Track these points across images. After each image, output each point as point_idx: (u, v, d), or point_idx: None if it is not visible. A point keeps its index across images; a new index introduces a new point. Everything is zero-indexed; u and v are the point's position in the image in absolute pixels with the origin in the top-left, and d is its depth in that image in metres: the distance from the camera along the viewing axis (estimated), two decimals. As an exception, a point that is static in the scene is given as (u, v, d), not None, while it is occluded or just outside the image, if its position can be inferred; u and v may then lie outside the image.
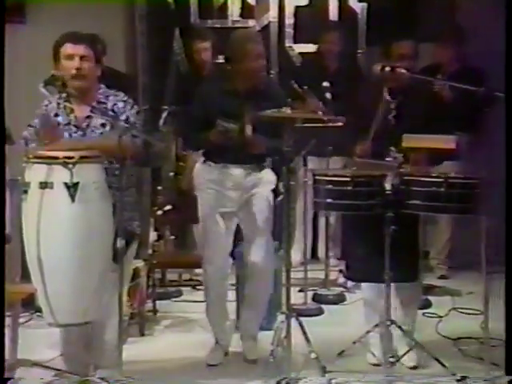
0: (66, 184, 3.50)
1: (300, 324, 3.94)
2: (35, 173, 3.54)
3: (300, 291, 5.28)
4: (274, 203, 4.34)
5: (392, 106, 4.22)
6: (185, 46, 6.48)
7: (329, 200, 3.89)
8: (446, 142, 3.96)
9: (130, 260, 3.96)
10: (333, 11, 6.66)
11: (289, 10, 6.67)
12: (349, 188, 3.83)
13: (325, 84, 5.55)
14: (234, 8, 6.71)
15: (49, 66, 3.88)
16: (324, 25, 6.44)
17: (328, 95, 5.51)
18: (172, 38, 6.59)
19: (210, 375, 4.14)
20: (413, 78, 4.16)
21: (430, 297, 5.34)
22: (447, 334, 4.60)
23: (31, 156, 3.57)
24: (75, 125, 3.82)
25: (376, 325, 4.04)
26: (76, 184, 3.51)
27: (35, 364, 3.79)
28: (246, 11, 6.70)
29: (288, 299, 3.91)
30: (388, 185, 3.85)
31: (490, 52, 5.31)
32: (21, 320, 4.04)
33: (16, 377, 3.71)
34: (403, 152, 3.91)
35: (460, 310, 4.99)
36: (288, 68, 6.53)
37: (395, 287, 4.08)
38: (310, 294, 5.40)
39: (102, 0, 6.21)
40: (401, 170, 3.87)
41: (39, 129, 3.73)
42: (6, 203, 3.73)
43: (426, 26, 6.17)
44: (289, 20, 6.67)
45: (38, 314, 4.47)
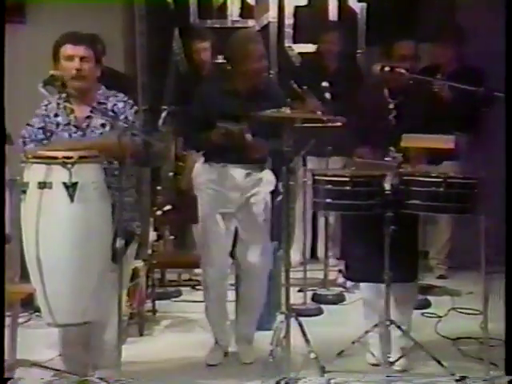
0: (65, 184, 3.50)
1: (299, 324, 3.93)
2: (34, 173, 3.54)
3: (299, 291, 5.27)
4: (273, 204, 4.34)
5: (392, 107, 4.23)
6: (184, 46, 6.48)
7: (328, 200, 3.89)
8: (445, 142, 3.96)
9: (130, 260, 3.96)
10: (332, 11, 6.65)
11: (288, 10, 6.66)
12: (348, 188, 3.83)
13: (324, 84, 5.55)
14: (234, 8, 6.70)
15: (48, 66, 3.87)
16: (323, 25, 6.43)
17: (327, 95, 5.52)
18: (171, 38, 6.58)
19: (210, 375, 4.14)
20: (413, 78, 4.16)
21: (430, 297, 5.34)
22: (446, 334, 4.60)
23: (30, 156, 3.57)
24: (75, 125, 3.82)
25: (375, 325, 4.04)
26: (75, 184, 3.51)
27: (34, 364, 3.78)
28: (246, 11, 6.70)
29: (287, 299, 3.91)
30: (387, 185, 3.84)
31: (489, 52, 5.33)
32: (20, 320, 4.03)
33: (15, 377, 3.71)
34: (402, 152, 3.92)
35: (459, 310, 4.99)
36: (287, 68, 6.52)
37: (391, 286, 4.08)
38: (310, 294, 5.40)
39: (102, 0, 6.21)
40: (400, 170, 3.88)
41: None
42: (6, 203, 3.73)
43: (426, 26, 6.17)
44: (288, 20, 6.66)
45: (37, 314, 4.47)
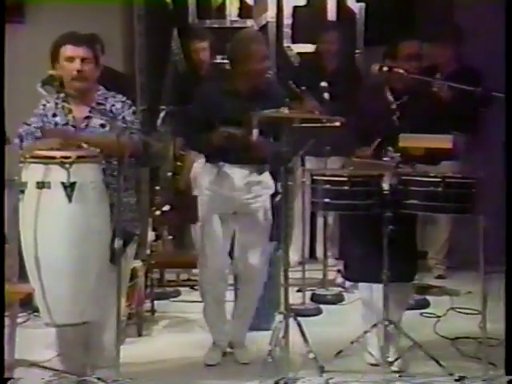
0: (63, 184, 3.50)
1: (298, 324, 3.93)
2: (32, 173, 3.54)
3: (298, 291, 5.27)
4: (272, 204, 4.33)
5: (395, 107, 4.22)
6: (183, 46, 6.47)
7: (327, 200, 3.89)
8: (444, 142, 3.96)
9: (129, 260, 3.96)
10: (331, 11, 6.64)
11: (287, 10, 6.65)
12: (346, 188, 3.83)
13: (323, 84, 5.56)
14: (233, 8, 6.69)
15: (47, 66, 3.88)
16: (322, 25, 6.43)
17: (326, 95, 5.52)
18: (170, 38, 6.57)
19: (208, 375, 4.14)
20: (412, 79, 4.15)
21: (428, 297, 5.35)
22: (445, 334, 4.60)
23: (28, 156, 3.57)
24: (73, 125, 3.81)
25: (374, 325, 4.04)
26: (73, 184, 3.51)
27: (33, 364, 3.78)
28: (245, 11, 6.69)
29: (286, 299, 3.91)
30: (386, 185, 3.85)
31: (488, 52, 5.33)
32: (18, 320, 4.03)
33: (14, 377, 3.71)
34: (400, 152, 3.92)
35: (458, 310, 4.99)
36: (286, 68, 6.51)
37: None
38: (309, 294, 5.39)
39: (101, 0, 6.20)
40: (398, 170, 3.87)
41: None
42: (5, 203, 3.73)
43: (424, 26, 6.17)
44: (287, 20, 6.66)
45: (36, 314, 4.47)
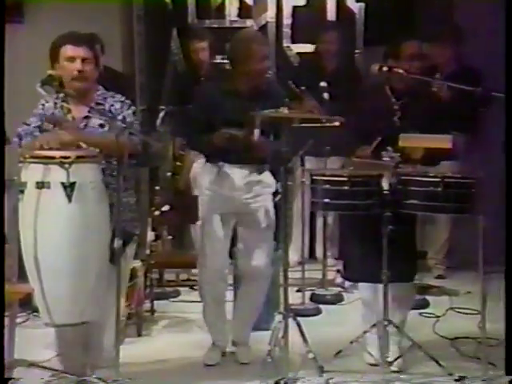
0: (63, 184, 3.50)
1: (298, 324, 3.93)
2: (32, 173, 3.53)
3: (298, 291, 5.27)
4: (275, 205, 4.32)
5: (397, 108, 4.21)
6: (182, 46, 6.46)
7: (326, 200, 3.89)
8: (443, 142, 3.96)
9: (129, 260, 3.96)
10: (330, 11, 6.64)
11: (286, 10, 6.65)
12: (346, 188, 3.83)
13: (322, 84, 5.55)
14: (232, 8, 6.69)
15: (46, 66, 3.87)
16: (322, 25, 6.43)
17: (326, 95, 5.52)
18: (169, 38, 6.57)
19: (208, 375, 4.13)
20: (416, 79, 4.14)
21: (428, 296, 5.34)
22: (445, 334, 4.60)
23: (27, 156, 3.57)
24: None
25: (373, 325, 4.04)
26: (73, 184, 3.51)
27: (32, 364, 3.77)
28: (244, 11, 6.69)
29: (286, 299, 3.91)
30: (385, 184, 3.85)
31: (488, 52, 5.33)
32: (18, 320, 4.02)
33: (13, 377, 3.71)
34: (400, 151, 3.91)
35: (457, 310, 4.99)
36: (286, 68, 6.51)
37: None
38: (308, 294, 5.39)
39: (100, 0, 6.20)
40: (398, 170, 3.87)
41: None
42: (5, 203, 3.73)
43: (424, 26, 6.17)
44: (286, 20, 6.65)
45: (35, 314, 4.46)
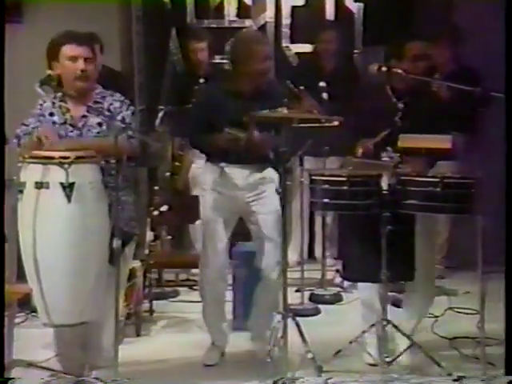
0: (62, 184, 3.50)
1: (297, 324, 3.94)
2: (31, 173, 3.54)
3: (297, 291, 5.28)
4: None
5: (398, 107, 4.21)
6: (181, 46, 6.47)
7: (325, 200, 3.88)
8: (442, 142, 3.95)
9: (128, 260, 3.96)
10: (329, 11, 6.65)
11: (285, 10, 6.66)
12: (345, 188, 3.83)
13: (321, 84, 5.56)
14: (231, 8, 6.70)
15: (46, 66, 3.87)
16: (320, 25, 6.44)
17: (324, 95, 5.52)
18: (168, 38, 6.59)
19: (207, 375, 4.13)
20: (416, 79, 4.13)
21: (427, 296, 5.35)
22: (443, 334, 4.60)
23: (27, 156, 3.57)
24: (71, 124, 3.81)
25: (372, 324, 4.04)
26: (72, 184, 3.51)
27: (31, 364, 3.77)
28: (243, 11, 6.70)
29: (285, 299, 3.91)
30: (384, 185, 3.85)
31: (488, 52, 5.33)
32: (16, 320, 4.02)
33: (12, 377, 3.71)
34: (399, 152, 3.91)
35: (456, 310, 4.99)
36: (284, 68, 6.51)
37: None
38: (307, 294, 5.39)
39: (99, 0, 6.20)
40: (397, 170, 3.87)
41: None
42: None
43: (423, 26, 6.17)
44: (285, 20, 6.67)
45: (34, 314, 4.46)
